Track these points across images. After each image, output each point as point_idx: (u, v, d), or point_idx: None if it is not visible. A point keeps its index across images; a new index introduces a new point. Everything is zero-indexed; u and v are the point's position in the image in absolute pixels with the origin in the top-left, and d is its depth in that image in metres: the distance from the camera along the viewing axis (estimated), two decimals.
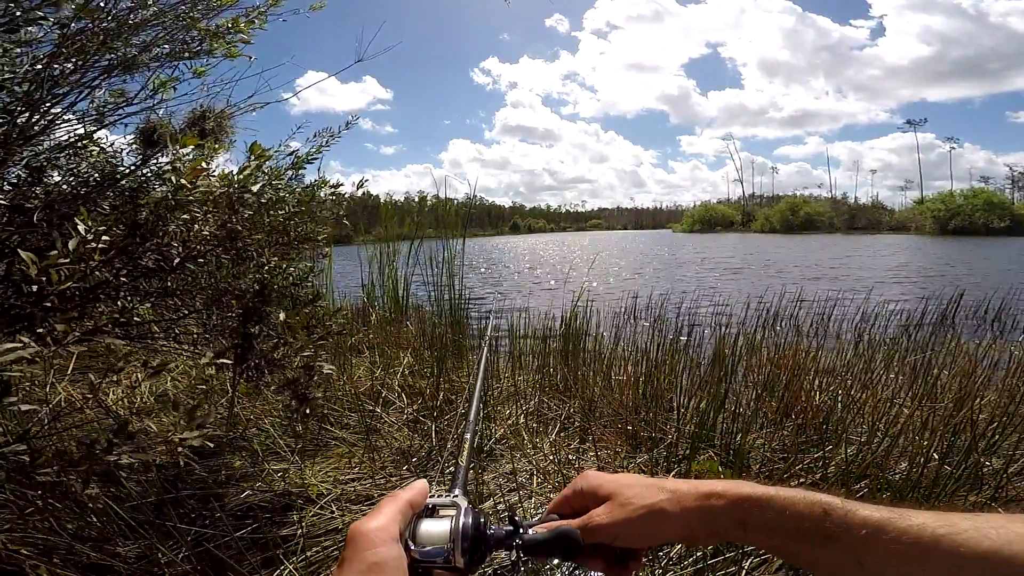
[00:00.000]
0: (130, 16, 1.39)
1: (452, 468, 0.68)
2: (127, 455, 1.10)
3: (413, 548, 0.50)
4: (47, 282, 0.96)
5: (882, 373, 3.22)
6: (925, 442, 2.04)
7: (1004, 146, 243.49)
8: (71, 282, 1.01)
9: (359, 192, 2.21)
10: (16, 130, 1.28)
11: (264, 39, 1.77)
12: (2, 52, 1.19)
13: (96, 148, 1.63)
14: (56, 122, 1.45)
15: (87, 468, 1.07)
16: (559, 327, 4.21)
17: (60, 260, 0.99)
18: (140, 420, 1.14)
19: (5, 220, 1.32)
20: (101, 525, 1.57)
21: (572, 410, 2.82)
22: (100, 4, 1.36)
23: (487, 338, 1.32)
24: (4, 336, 1.03)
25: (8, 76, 1.21)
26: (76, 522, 1.55)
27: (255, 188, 1.62)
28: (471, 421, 0.78)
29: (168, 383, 2.91)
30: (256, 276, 1.72)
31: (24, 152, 1.38)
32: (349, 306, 5.33)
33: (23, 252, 0.96)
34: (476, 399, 0.84)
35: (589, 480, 0.63)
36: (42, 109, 1.33)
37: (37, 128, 1.36)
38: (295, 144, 1.90)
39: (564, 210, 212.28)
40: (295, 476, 2.13)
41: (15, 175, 1.42)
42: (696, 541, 0.57)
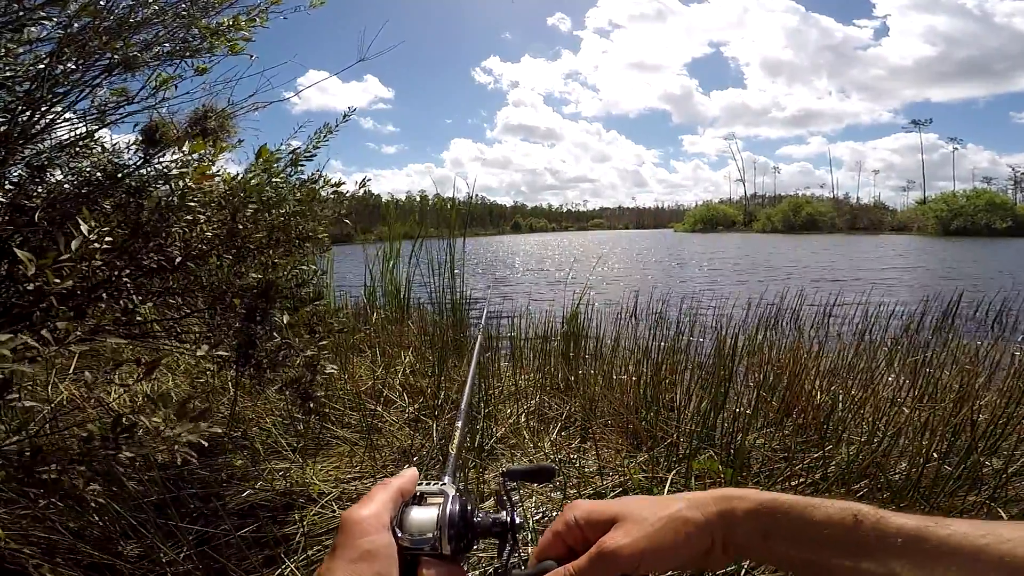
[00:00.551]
0: (131, 15, 1.39)
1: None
2: (125, 450, 1.10)
3: (401, 535, 0.50)
4: (45, 282, 0.96)
5: (883, 373, 3.22)
6: (925, 442, 2.04)
7: (1008, 147, 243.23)
8: (71, 281, 1.01)
9: (361, 191, 2.21)
10: (17, 129, 1.28)
11: (265, 38, 1.77)
12: (4, 51, 1.19)
13: (98, 147, 1.64)
14: (57, 121, 1.45)
15: (88, 465, 1.08)
16: (560, 326, 4.21)
17: (62, 259, 1.00)
18: (139, 417, 1.14)
19: (7, 219, 1.32)
20: (103, 524, 1.57)
21: (573, 409, 2.82)
22: (101, 3, 1.36)
23: (481, 323, 1.31)
24: (5, 334, 1.03)
25: (9, 75, 1.21)
26: (78, 521, 1.55)
27: (253, 181, 1.63)
28: (463, 409, 0.76)
29: (170, 382, 2.92)
30: (259, 275, 1.72)
31: (25, 151, 1.38)
32: (349, 304, 5.34)
33: (20, 251, 0.97)
34: (469, 386, 0.82)
35: (582, 508, 0.55)
36: (43, 108, 1.34)
37: (38, 127, 1.37)
38: (296, 143, 1.90)
39: (566, 209, 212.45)
40: (296, 475, 2.13)
41: (16, 174, 1.43)
42: (714, 561, 0.50)
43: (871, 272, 15.10)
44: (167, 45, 1.55)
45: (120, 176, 1.48)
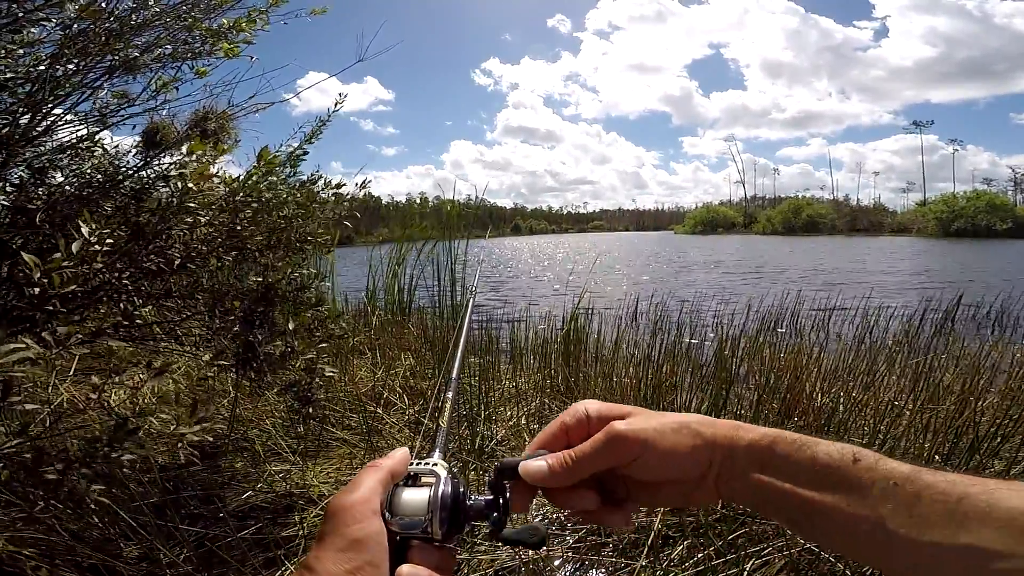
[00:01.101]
0: (132, 17, 1.39)
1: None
2: (128, 451, 1.10)
3: (390, 519, 0.48)
4: (49, 284, 0.96)
5: (884, 375, 3.21)
6: (927, 444, 2.03)
7: (1008, 148, 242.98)
8: (74, 285, 1.01)
9: (361, 193, 2.21)
10: (18, 131, 1.28)
11: (265, 40, 1.77)
12: (4, 53, 1.19)
13: (99, 149, 1.64)
14: (58, 123, 1.45)
15: (89, 467, 1.08)
16: (560, 328, 4.20)
17: (63, 263, 1.00)
18: (143, 419, 1.14)
19: (8, 221, 1.32)
20: (103, 526, 1.57)
21: None
22: (102, 5, 1.36)
23: (473, 290, 1.29)
24: (7, 337, 1.03)
25: (10, 76, 1.21)
26: (78, 523, 1.55)
27: (254, 179, 1.63)
28: (453, 379, 0.72)
29: (171, 384, 2.92)
30: (259, 278, 1.72)
31: (26, 153, 1.38)
32: (349, 307, 5.34)
33: (26, 255, 0.96)
34: (460, 355, 0.79)
35: (596, 405, 0.55)
36: (44, 110, 1.34)
37: (39, 129, 1.37)
38: (295, 143, 1.90)
39: (566, 211, 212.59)
40: (297, 477, 2.13)
41: (17, 176, 1.43)
42: (703, 492, 0.50)
43: (873, 275, 15.08)
44: (168, 47, 1.55)
45: (121, 178, 1.48)
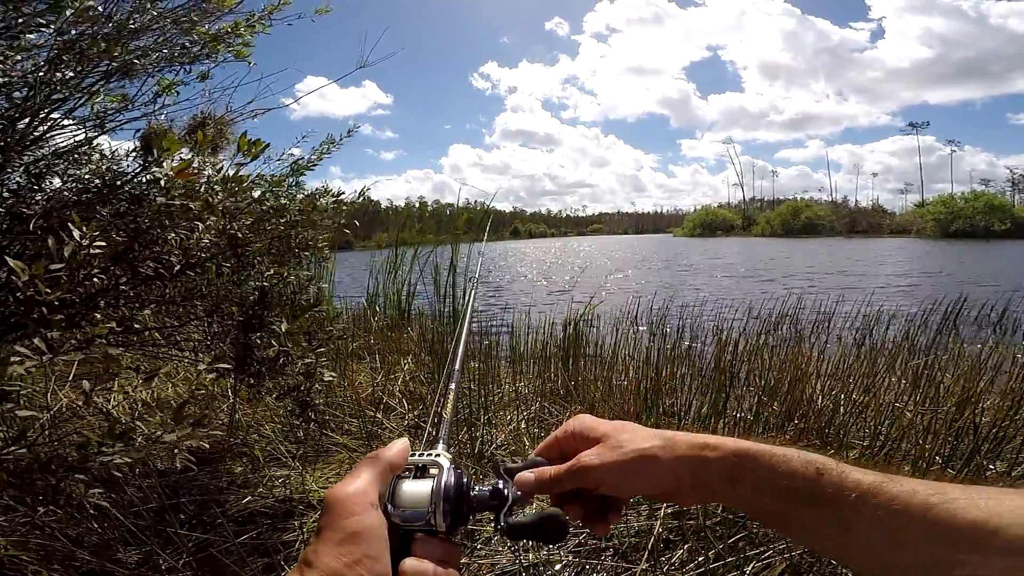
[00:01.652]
0: (129, 21, 1.39)
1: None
2: (121, 455, 1.10)
3: (392, 511, 0.48)
4: (37, 291, 0.96)
5: (884, 377, 3.21)
6: (928, 446, 2.03)
7: (1006, 148, 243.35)
8: (65, 290, 1.00)
9: (360, 199, 2.21)
10: (16, 136, 1.28)
11: (263, 44, 1.77)
12: (2, 58, 1.19)
13: (97, 154, 1.64)
14: (55, 128, 1.45)
15: (86, 472, 1.07)
16: (560, 332, 4.20)
17: (52, 267, 0.99)
18: (137, 423, 1.13)
19: (4, 228, 1.32)
20: (102, 531, 1.56)
21: (573, 415, 2.81)
22: (99, 10, 1.36)
23: (475, 280, 1.29)
24: (2, 345, 1.03)
25: (5, 81, 1.21)
26: (77, 528, 1.55)
27: (255, 194, 1.62)
28: (456, 370, 0.73)
29: (170, 390, 2.91)
30: (257, 284, 1.72)
31: (24, 158, 1.38)
32: (348, 311, 5.33)
33: (11, 260, 0.96)
34: (462, 345, 0.79)
35: (583, 422, 0.60)
36: (41, 114, 1.34)
37: (36, 134, 1.37)
38: (296, 151, 1.90)
39: (565, 215, 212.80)
40: (296, 482, 2.12)
41: (14, 182, 1.43)
42: (681, 498, 0.55)
43: (874, 277, 15.08)
44: (165, 51, 1.55)
45: (119, 183, 1.48)
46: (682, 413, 2.62)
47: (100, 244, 1.06)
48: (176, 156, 1.35)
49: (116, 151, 1.71)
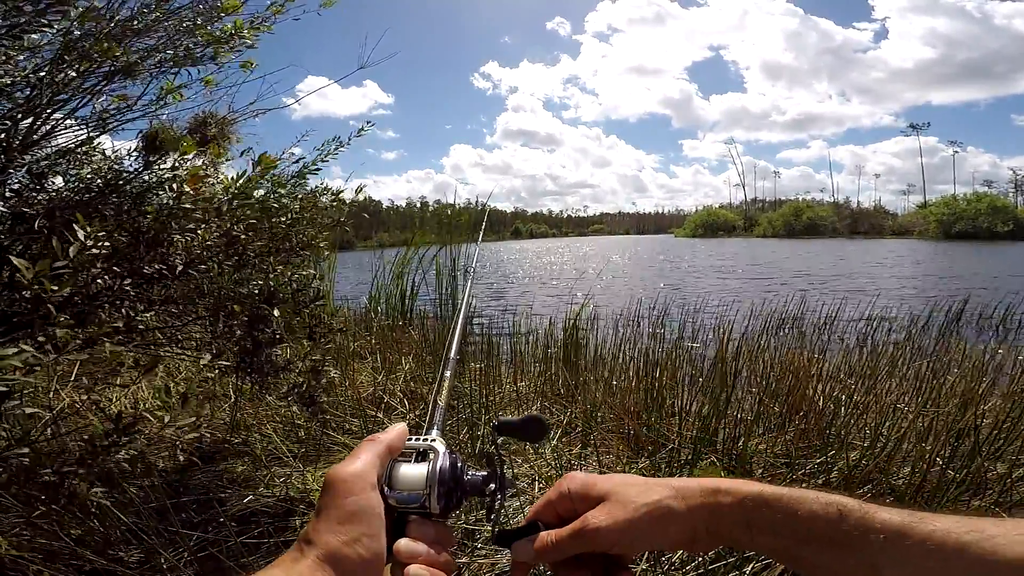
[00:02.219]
0: (132, 22, 1.40)
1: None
2: (126, 450, 1.10)
3: (389, 493, 0.49)
4: (43, 289, 0.96)
5: (885, 378, 3.21)
6: (928, 447, 2.03)
7: (1009, 149, 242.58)
8: (68, 288, 1.01)
9: (360, 197, 2.21)
10: (18, 136, 1.29)
11: (265, 44, 1.77)
12: (4, 58, 1.19)
13: (99, 154, 1.64)
14: (58, 128, 1.46)
15: (88, 468, 1.08)
16: (561, 332, 4.20)
17: (56, 265, 1.00)
18: (139, 417, 1.14)
19: (7, 227, 1.32)
20: (104, 530, 1.57)
21: (574, 415, 2.81)
22: (103, 12, 1.37)
23: (472, 270, 1.30)
24: (5, 342, 1.03)
25: (9, 82, 1.22)
26: (79, 527, 1.55)
27: (258, 194, 1.63)
28: (452, 356, 0.73)
29: (173, 389, 2.92)
30: (262, 283, 1.73)
31: (26, 158, 1.39)
32: (348, 311, 5.33)
33: (16, 259, 0.96)
34: (459, 332, 0.80)
35: (577, 481, 0.57)
36: (44, 115, 1.34)
37: (38, 134, 1.37)
38: (297, 151, 1.91)
39: (566, 215, 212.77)
40: (297, 481, 2.13)
41: (16, 181, 1.43)
42: (697, 547, 0.52)
43: (876, 278, 15.05)
44: (169, 52, 1.55)
45: (121, 183, 1.48)
46: (683, 413, 2.62)
47: (105, 245, 1.06)
48: (189, 161, 1.37)
49: (118, 151, 1.72)
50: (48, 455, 1.05)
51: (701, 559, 1.59)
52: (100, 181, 1.49)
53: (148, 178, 1.58)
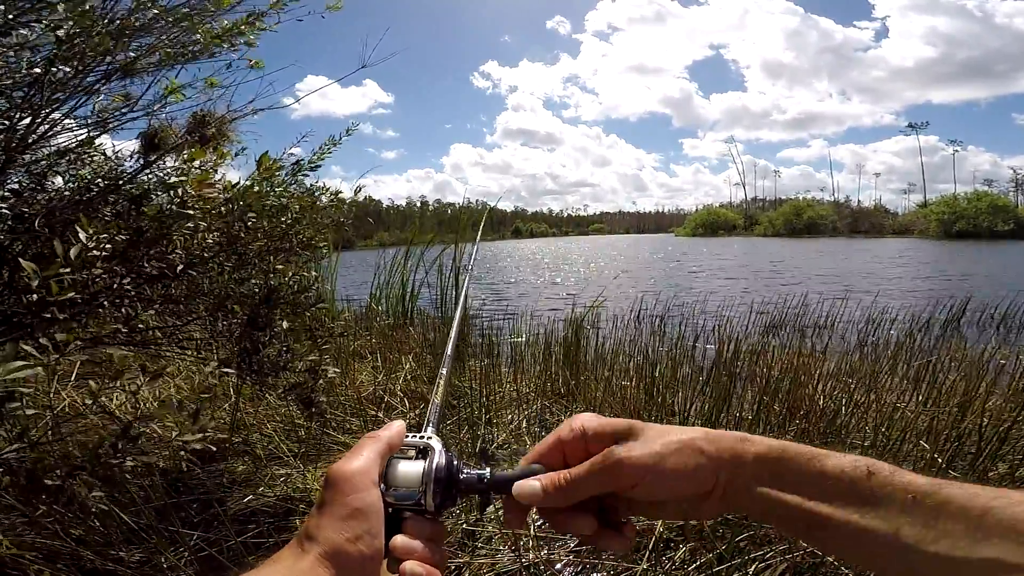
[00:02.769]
0: (132, 19, 1.39)
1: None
2: (132, 458, 1.10)
3: (385, 490, 0.49)
4: (47, 292, 0.96)
5: (887, 377, 3.21)
6: (929, 447, 2.02)
7: (1010, 148, 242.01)
8: (73, 292, 1.01)
9: (360, 197, 2.21)
10: (16, 136, 1.28)
11: (264, 44, 1.77)
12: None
13: (99, 154, 1.64)
14: (56, 128, 1.45)
15: (91, 472, 1.08)
16: (562, 332, 4.20)
17: (61, 269, 0.99)
18: (144, 425, 1.14)
19: (7, 227, 1.32)
20: (104, 530, 1.57)
21: (573, 415, 2.81)
22: (99, 11, 1.36)
23: (469, 268, 1.31)
24: (6, 345, 1.03)
25: (8, 82, 1.21)
26: (79, 527, 1.55)
27: (256, 189, 1.62)
28: (447, 355, 0.73)
29: (172, 388, 2.92)
30: (261, 281, 1.72)
31: (25, 158, 1.39)
32: (349, 311, 5.33)
33: (24, 262, 0.96)
34: (455, 331, 0.80)
35: (593, 420, 0.52)
36: (42, 114, 1.34)
37: (37, 134, 1.37)
38: (297, 151, 1.90)
39: (566, 214, 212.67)
40: (297, 481, 2.13)
41: (16, 181, 1.43)
42: (706, 506, 0.48)
43: (877, 277, 15.04)
44: (168, 49, 1.54)
45: (120, 183, 1.48)
46: (683, 412, 2.62)
47: (106, 247, 1.06)
48: (197, 163, 1.37)
49: (118, 151, 1.72)
50: (50, 457, 1.05)
51: (701, 560, 1.58)
52: (100, 181, 1.49)
53: (148, 178, 1.57)
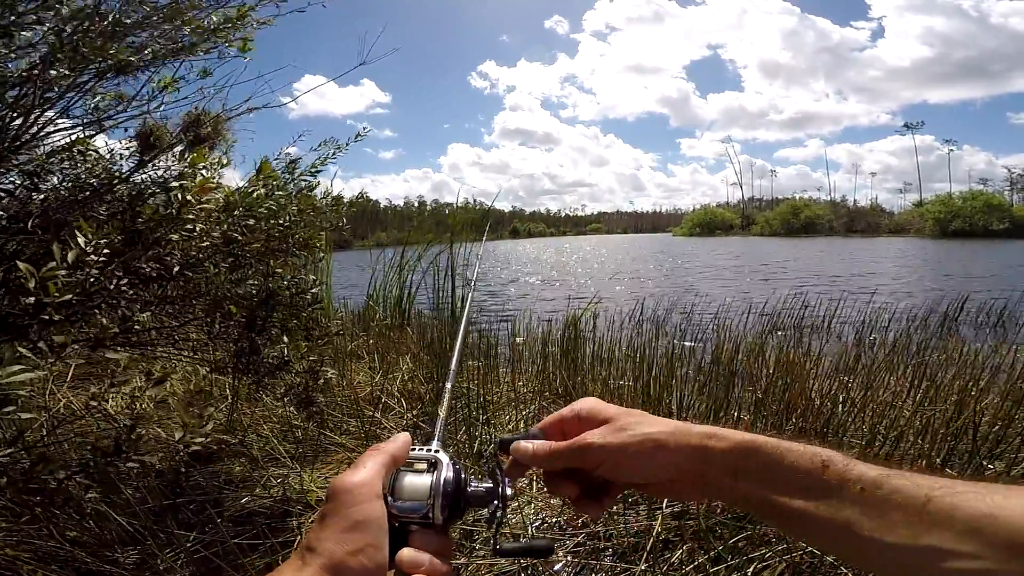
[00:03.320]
0: (124, 17, 1.38)
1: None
2: (132, 458, 1.10)
3: (392, 503, 0.49)
4: (45, 293, 0.96)
5: (883, 376, 3.21)
6: (926, 445, 2.03)
7: (1005, 148, 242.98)
8: (71, 294, 1.00)
9: (360, 199, 2.21)
10: (8, 136, 1.27)
11: (261, 42, 1.76)
12: None
13: (93, 153, 1.63)
14: (48, 127, 1.45)
15: (88, 475, 1.07)
16: (559, 332, 4.20)
17: (58, 272, 0.99)
18: (142, 426, 1.13)
19: (1, 227, 1.31)
20: (100, 531, 1.56)
21: None
22: (94, 11, 1.35)
23: (473, 282, 1.31)
24: (3, 348, 1.02)
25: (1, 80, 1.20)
26: (75, 528, 1.54)
27: (256, 194, 1.62)
28: (452, 369, 0.74)
29: (168, 388, 2.90)
30: (260, 283, 1.72)
31: (19, 157, 1.38)
32: (347, 311, 5.32)
33: (21, 263, 0.96)
34: (460, 344, 0.81)
35: (588, 404, 0.60)
36: (35, 113, 1.33)
37: (30, 134, 1.36)
38: (293, 150, 1.90)
39: (564, 214, 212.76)
40: (294, 482, 2.12)
41: (10, 182, 1.42)
42: (680, 492, 0.54)
43: (874, 276, 15.07)
44: (160, 44, 1.53)
45: (116, 182, 1.47)
46: (681, 412, 2.62)
47: (104, 252, 1.06)
48: (200, 167, 1.36)
49: (113, 151, 1.71)
50: (46, 459, 1.04)
51: (701, 560, 1.58)
52: (95, 181, 1.48)
53: (143, 177, 1.57)
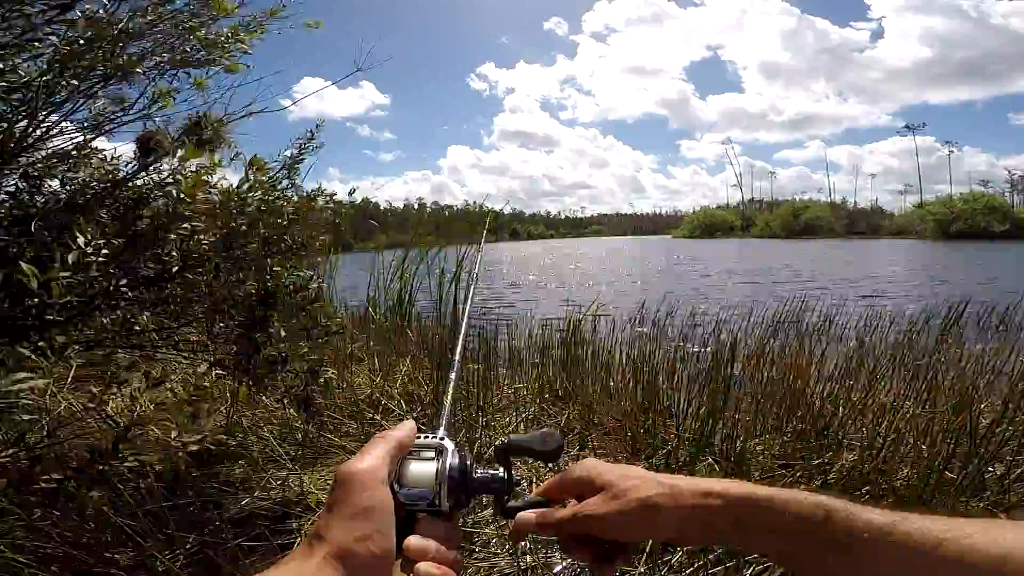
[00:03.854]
0: (128, 24, 1.39)
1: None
2: (130, 459, 1.10)
3: (398, 490, 0.49)
4: (47, 295, 0.96)
5: (884, 378, 3.21)
6: (926, 448, 2.03)
7: (1006, 149, 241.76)
8: (72, 295, 1.00)
9: (358, 199, 2.21)
10: (13, 139, 1.28)
11: (260, 46, 1.77)
12: (5, 68, 1.19)
13: (95, 157, 1.63)
14: (52, 131, 1.45)
15: (90, 476, 1.07)
16: (558, 334, 4.19)
17: (60, 274, 0.99)
18: (141, 427, 1.14)
19: (3, 230, 1.32)
20: (99, 532, 1.56)
21: (571, 417, 2.81)
22: (104, 20, 1.36)
23: (475, 273, 1.31)
24: (6, 351, 1.03)
25: (5, 86, 1.21)
26: (74, 529, 1.54)
27: (257, 195, 1.63)
28: (456, 359, 0.74)
29: (167, 390, 2.90)
30: (259, 283, 1.72)
31: (21, 160, 1.38)
32: (347, 313, 5.32)
33: (25, 265, 0.96)
34: (463, 334, 0.80)
35: (586, 468, 0.60)
36: (39, 117, 1.34)
37: (33, 137, 1.37)
38: (291, 152, 1.90)
39: (563, 216, 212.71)
40: (294, 484, 2.12)
41: (12, 184, 1.43)
42: (688, 542, 0.55)
43: (875, 278, 15.05)
44: (165, 55, 1.54)
45: (117, 186, 1.48)
46: (680, 415, 2.62)
47: (104, 253, 1.06)
48: (193, 164, 1.37)
49: (114, 153, 1.71)
50: (47, 460, 1.05)
51: (701, 561, 1.58)
52: (96, 184, 1.48)
53: (144, 181, 1.57)
